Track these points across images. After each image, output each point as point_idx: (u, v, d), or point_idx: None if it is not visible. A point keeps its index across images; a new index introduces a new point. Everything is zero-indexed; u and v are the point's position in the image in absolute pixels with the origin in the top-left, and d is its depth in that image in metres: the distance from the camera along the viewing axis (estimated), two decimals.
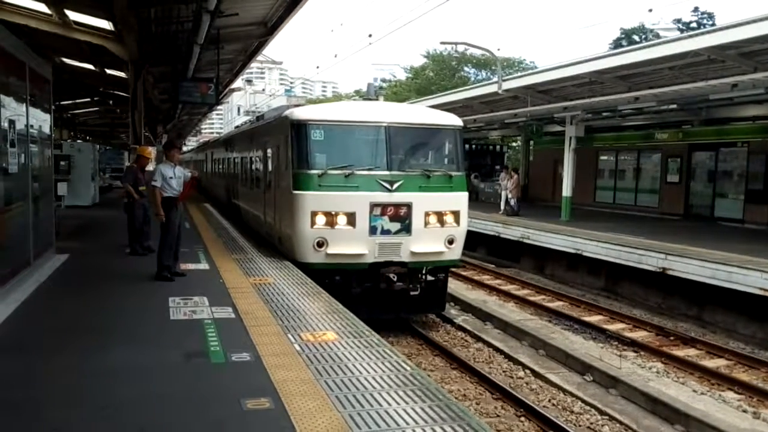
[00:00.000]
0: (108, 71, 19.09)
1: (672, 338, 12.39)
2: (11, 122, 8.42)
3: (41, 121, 10.63)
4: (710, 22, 46.65)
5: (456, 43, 32.50)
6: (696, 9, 48.89)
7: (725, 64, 15.59)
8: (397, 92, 56.96)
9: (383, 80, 75.01)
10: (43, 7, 12.65)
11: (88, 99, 27.72)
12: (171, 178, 9.65)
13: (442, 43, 67.16)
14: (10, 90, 8.52)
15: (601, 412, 8.76)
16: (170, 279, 9.53)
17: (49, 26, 13.39)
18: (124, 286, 9.40)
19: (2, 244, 7.74)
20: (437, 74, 57.72)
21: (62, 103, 26.51)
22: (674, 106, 19.66)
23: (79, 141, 34.16)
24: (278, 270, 10.75)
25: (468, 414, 4.91)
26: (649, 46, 17.11)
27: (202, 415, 4.72)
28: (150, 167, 13.61)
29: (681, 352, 11.49)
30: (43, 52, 12.64)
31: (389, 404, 4.96)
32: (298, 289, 9.24)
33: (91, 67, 18.86)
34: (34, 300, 8.27)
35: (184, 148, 73.18)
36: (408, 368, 5.86)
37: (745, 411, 8.97)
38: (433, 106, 19.14)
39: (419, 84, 57.19)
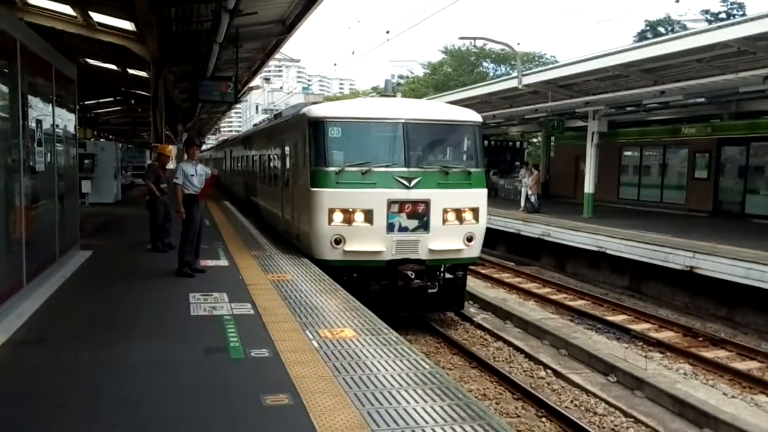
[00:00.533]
0: (130, 71, 19.60)
1: (700, 339, 12.20)
2: (38, 122, 8.71)
3: (66, 120, 10.91)
4: (740, 13, 46.08)
5: (475, 38, 32.28)
6: None
7: (756, 55, 15.30)
8: (414, 88, 56.85)
9: (401, 77, 74.94)
10: (68, 10, 13.12)
11: (111, 98, 28.66)
12: (192, 175, 9.80)
13: (461, 38, 67.11)
14: (37, 91, 8.81)
15: (626, 414, 8.65)
16: (191, 275, 9.69)
17: (74, 28, 13.89)
18: (146, 282, 9.61)
19: (29, 240, 7.94)
20: (455, 70, 57.50)
21: (86, 102, 27.24)
22: (702, 99, 19.45)
23: (102, 140, 34.92)
24: (296, 267, 10.88)
25: (488, 413, 4.92)
26: (676, 38, 16.87)
27: (222, 409, 4.80)
28: (171, 165, 13.82)
29: (710, 354, 11.29)
30: (68, 54, 13.08)
31: (408, 402, 5.00)
32: (316, 285, 9.36)
33: (113, 67, 19.42)
34: (60, 295, 8.52)
35: (204, 147, 73.87)
36: (427, 366, 5.90)
37: None
38: (451, 102, 19.17)
39: (437, 80, 57.03)
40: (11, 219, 7.41)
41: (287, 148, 13.91)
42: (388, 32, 25.05)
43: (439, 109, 13.53)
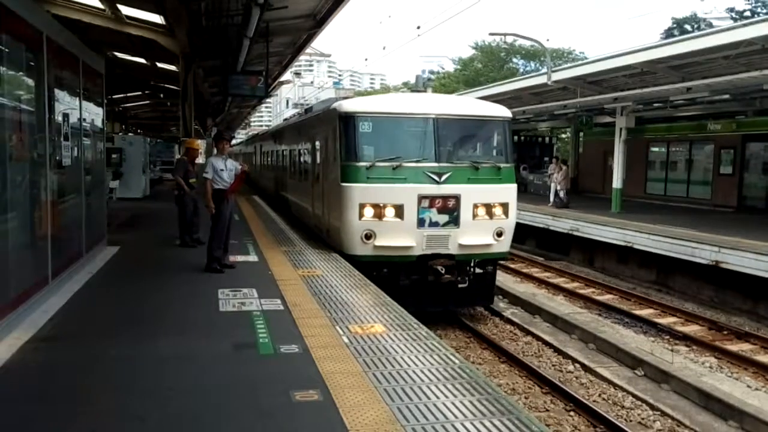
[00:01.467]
0: (159, 65, 19.26)
1: (725, 332, 12.02)
2: (65, 116, 8.48)
3: (94, 114, 10.68)
4: (765, 11, 44.94)
5: (505, 34, 31.95)
6: None
7: None
8: (445, 84, 56.34)
9: (431, 72, 74.30)
10: (96, 2, 12.79)
11: (140, 92, 28.08)
12: (222, 170, 9.60)
13: (491, 34, 66.43)
14: (63, 84, 8.57)
15: (653, 408, 8.54)
16: (220, 271, 9.50)
17: (102, 21, 13.55)
18: (174, 277, 9.45)
19: (55, 236, 7.77)
20: (486, 66, 56.96)
21: (114, 96, 26.80)
22: (727, 96, 19.02)
23: (130, 134, 34.53)
24: (326, 262, 10.71)
25: (517, 408, 4.82)
26: (702, 35, 16.57)
27: (251, 404, 4.69)
28: (200, 160, 13.66)
29: (735, 347, 11.14)
30: (96, 47, 12.74)
31: (437, 397, 4.88)
32: (346, 281, 9.18)
33: (142, 60, 19.05)
34: (87, 291, 8.35)
35: (234, 141, 73.92)
36: (456, 361, 5.76)
37: None
38: (481, 98, 18.87)
39: (467, 75, 56.55)
40: (36, 214, 7.23)
41: (318, 143, 13.75)
42: (418, 27, 24.72)
43: (469, 104, 13.31)
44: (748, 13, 45.32)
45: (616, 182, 21.05)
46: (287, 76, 33.50)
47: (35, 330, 6.39)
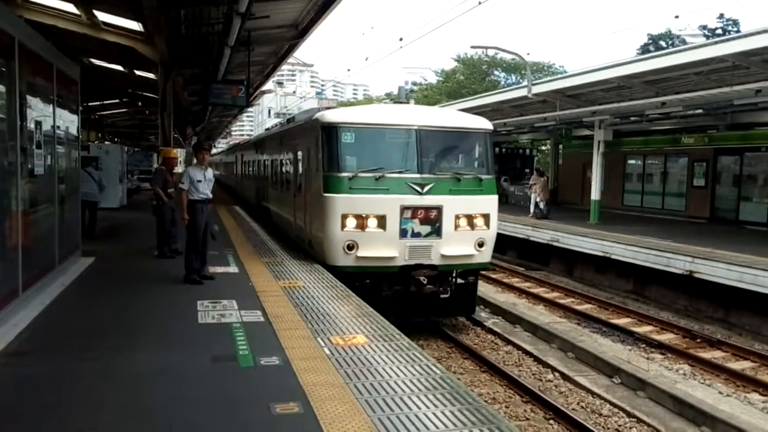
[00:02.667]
0: (137, 72, 18.83)
1: (698, 340, 12.12)
2: (38, 123, 8.15)
3: (68, 122, 10.34)
4: (735, 29, 45.70)
5: (486, 47, 32.12)
6: (721, 15, 48.13)
7: (750, 70, 15.31)
8: (427, 95, 56.34)
9: (414, 83, 74.51)
10: (71, 8, 12.39)
11: (117, 100, 27.31)
12: (200, 181, 9.37)
13: (473, 47, 66.72)
14: (36, 91, 8.27)
15: (630, 415, 8.57)
16: (199, 282, 9.25)
17: (77, 27, 13.11)
18: (152, 289, 9.15)
19: (26, 246, 7.45)
20: (467, 78, 57.06)
21: (90, 104, 26.07)
22: (700, 111, 19.23)
23: (107, 142, 33.54)
24: (308, 273, 10.55)
25: (498, 417, 4.77)
26: (676, 52, 16.76)
27: (230, 418, 4.58)
28: (179, 169, 13.38)
29: (707, 354, 11.26)
30: (71, 53, 12.36)
31: (419, 408, 4.81)
32: (328, 292, 9.05)
33: (120, 68, 18.61)
34: (59, 303, 8.06)
35: (214, 150, 73.08)
36: (438, 372, 5.70)
37: None
38: (463, 110, 18.88)
39: (450, 87, 56.60)
40: (6, 224, 6.88)
41: (300, 153, 13.59)
42: (401, 39, 24.31)
43: (451, 116, 13.28)
44: (719, 31, 46.07)
45: (595, 194, 21.12)
46: (269, 85, 33.11)
47: (4, 344, 6.14)
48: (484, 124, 12.23)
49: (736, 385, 9.83)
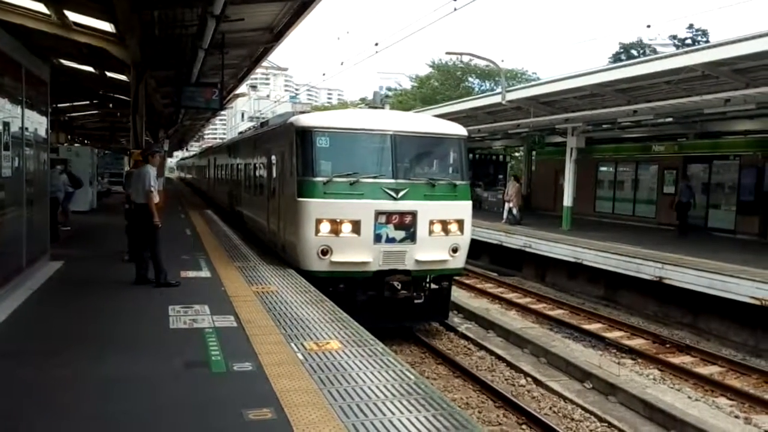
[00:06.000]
0: (108, 74, 18.41)
1: (668, 346, 12.27)
2: (5, 124, 8.01)
3: (37, 123, 10.15)
4: (704, 39, 46.54)
5: (461, 54, 32.33)
6: (691, 26, 48.92)
7: (719, 79, 15.59)
8: (402, 101, 56.37)
9: (389, 89, 74.35)
10: (41, 7, 12.05)
11: (87, 102, 26.79)
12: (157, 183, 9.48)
13: (448, 53, 66.90)
14: (4, 91, 8.11)
15: (601, 419, 8.63)
16: (176, 285, 9.20)
17: (47, 27, 12.74)
18: (122, 293, 9.00)
19: None
20: (442, 84, 57.31)
21: (60, 105, 25.41)
22: (670, 119, 19.55)
23: (77, 145, 33.04)
24: (281, 278, 10.48)
25: (471, 422, 4.79)
26: (647, 61, 17.05)
27: (202, 426, 4.53)
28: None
29: (677, 360, 11.40)
30: (40, 53, 12.03)
31: (393, 413, 4.81)
32: (301, 297, 9.00)
33: (91, 69, 18.20)
34: (26, 308, 7.90)
35: (186, 153, 72.13)
36: (412, 377, 5.70)
37: (737, 417, 8.95)
38: (438, 116, 18.98)
39: (424, 93, 56.72)
40: None
41: (274, 157, 13.52)
42: (377, 44, 24.21)
43: (426, 122, 13.32)
44: (689, 41, 46.88)
45: (567, 200, 21.26)
46: (243, 88, 32.71)
47: None
48: (458, 130, 12.28)
49: (705, 390, 9.96)
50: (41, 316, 7.72)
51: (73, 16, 12.62)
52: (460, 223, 11.55)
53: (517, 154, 40.64)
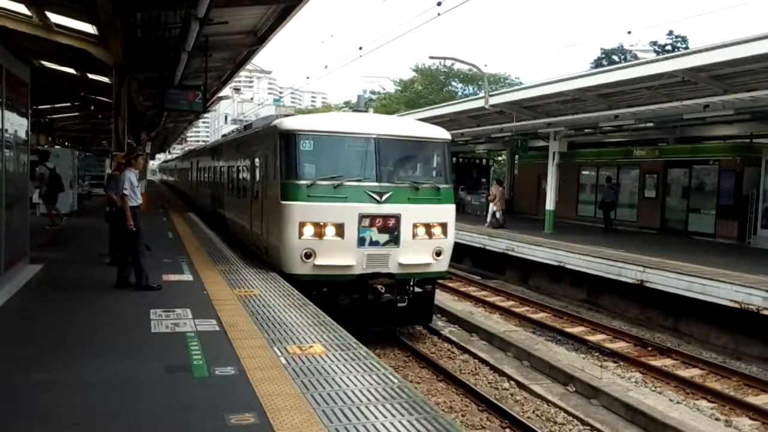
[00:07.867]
0: (90, 76, 18.31)
1: (650, 349, 12.34)
2: None
3: (17, 125, 10.02)
4: (684, 45, 47.03)
5: (444, 58, 32.27)
6: (671, 32, 49.39)
7: (698, 85, 15.73)
8: (386, 104, 56.52)
9: (373, 92, 74.52)
10: (22, 8, 11.98)
11: (69, 104, 26.63)
12: (137, 186, 9.37)
13: (431, 57, 67.31)
14: None
15: (584, 423, 8.65)
16: (158, 288, 9.15)
17: (28, 28, 12.66)
18: (103, 297, 8.89)
19: None
20: (426, 88, 57.55)
21: (40, 107, 25.19)
22: (651, 124, 19.71)
23: (57, 146, 32.38)
24: (264, 281, 10.42)
25: (455, 426, 4.78)
26: (628, 67, 17.19)
27: (184, 430, 4.47)
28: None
29: (658, 362, 11.45)
30: (21, 54, 11.92)
31: (376, 417, 4.78)
32: (284, 300, 8.95)
33: (72, 71, 18.08)
34: (4, 312, 7.78)
35: (169, 156, 71.63)
36: (395, 381, 5.68)
37: (717, 419, 9.00)
38: (421, 119, 18.97)
39: (408, 97, 56.95)
40: None
41: (257, 160, 13.46)
42: (361, 48, 24.35)
43: (409, 125, 13.33)
44: (669, 47, 47.37)
45: (549, 204, 21.35)
46: (226, 91, 32.58)
47: None
48: (442, 133, 12.30)
49: (686, 393, 10.02)
50: (19, 320, 7.60)
51: (54, 18, 12.53)
52: (444, 226, 11.55)
53: (500, 158, 40.79)
